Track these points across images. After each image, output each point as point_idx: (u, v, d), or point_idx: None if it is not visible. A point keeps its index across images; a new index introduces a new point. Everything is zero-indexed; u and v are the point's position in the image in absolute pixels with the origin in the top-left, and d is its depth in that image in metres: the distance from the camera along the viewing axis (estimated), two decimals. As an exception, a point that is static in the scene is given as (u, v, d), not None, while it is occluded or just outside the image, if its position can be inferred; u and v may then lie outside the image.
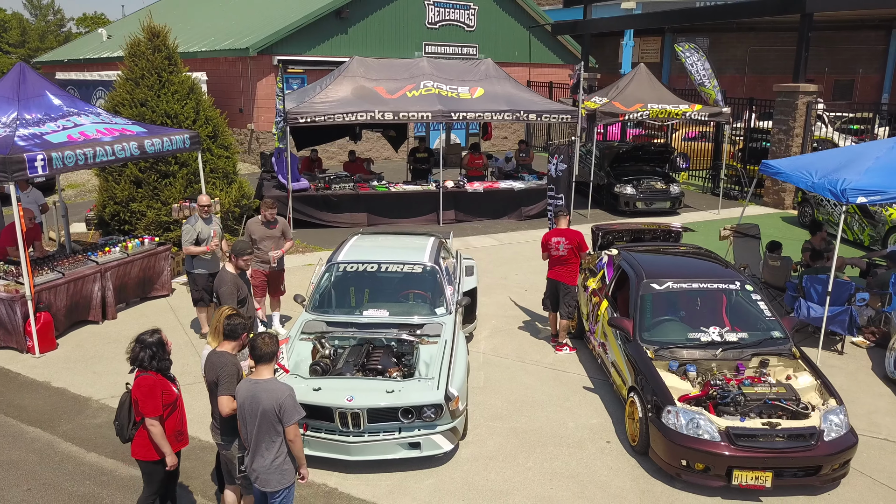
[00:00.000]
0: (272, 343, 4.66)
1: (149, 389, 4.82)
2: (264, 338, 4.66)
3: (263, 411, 4.55)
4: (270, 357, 4.67)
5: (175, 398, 5.02)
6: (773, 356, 6.75)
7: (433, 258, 7.90)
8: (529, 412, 7.23)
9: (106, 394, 7.51)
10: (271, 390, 4.58)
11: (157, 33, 12.44)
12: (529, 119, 14.91)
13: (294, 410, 4.59)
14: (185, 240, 8.58)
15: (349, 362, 6.56)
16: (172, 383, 5.04)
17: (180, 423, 5.11)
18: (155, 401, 4.83)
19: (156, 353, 4.91)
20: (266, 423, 4.57)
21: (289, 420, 4.56)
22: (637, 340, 6.87)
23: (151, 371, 4.89)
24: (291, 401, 4.59)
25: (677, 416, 5.96)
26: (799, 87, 16.12)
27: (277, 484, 4.68)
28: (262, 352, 4.63)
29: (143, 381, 4.85)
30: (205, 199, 8.80)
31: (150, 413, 4.82)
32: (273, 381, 4.66)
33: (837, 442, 5.84)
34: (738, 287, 7.37)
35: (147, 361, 4.88)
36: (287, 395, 4.59)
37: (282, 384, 4.68)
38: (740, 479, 5.76)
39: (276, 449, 4.62)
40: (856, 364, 8.47)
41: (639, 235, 9.39)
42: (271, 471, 4.65)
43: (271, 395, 4.56)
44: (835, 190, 8.27)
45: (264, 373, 4.66)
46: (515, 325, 9.58)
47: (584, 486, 6.03)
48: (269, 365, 4.68)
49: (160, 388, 4.87)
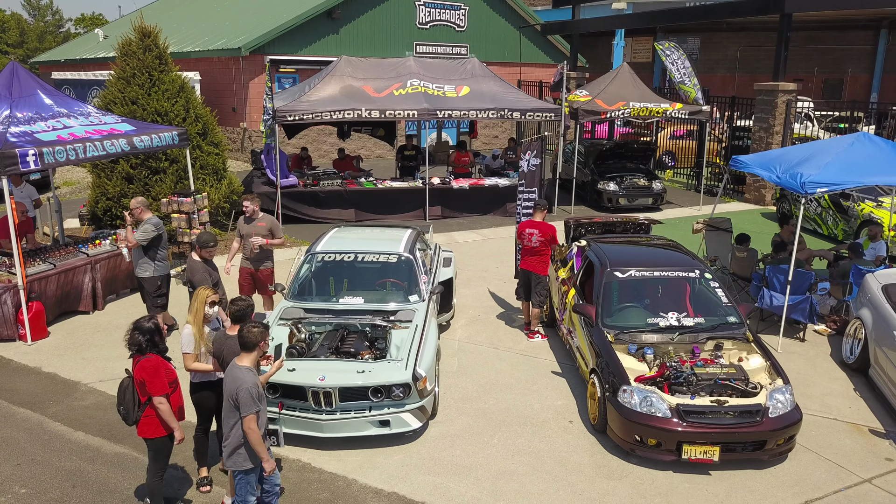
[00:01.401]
0: (258, 335, 4.95)
1: (153, 370, 5.14)
2: (251, 328, 4.97)
3: (227, 393, 4.92)
4: (252, 346, 4.94)
5: (175, 377, 5.36)
6: (727, 340, 7.10)
7: (408, 249, 8.24)
8: (498, 394, 7.57)
9: (94, 378, 7.85)
10: (236, 378, 4.88)
11: (147, 33, 12.80)
12: (514, 117, 15.24)
13: (249, 403, 4.80)
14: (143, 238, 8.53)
15: (324, 346, 6.91)
16: (170, 363, 5.36)
17: (180, 399, 5.47)
18: (161, 380, 5.15)
19: (153, 337, 5.22)
20: (228, 404, 4.93)
21: (243, 411, 4.82)
22: (599, 325, 7.22)
23: (150, 354, 5.21)
24: (246, 394, 4.80)
25: (632, 394, 6.30)
26: (778, 86, 16.46)
27: (233, 465, 5.01)
28: (246, 340, 4.95)
29: (147, 363, 5.16)
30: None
31: (158, 391, 5.14)
32: (242, 370, 4.91)
33: (782, 418, 6.18)
34: (698, 275, 7.72)
35: (145, 345, 5.19)
36: (245, 388, 4.80)
37: (249, 376, 4.90)
38: (690, 453, 6.10)
39: (233, 432, 4.93)
40: (815, 350, 8.82)
41: (610, 228, 9.73)
42: (227, 451, 4.99)
43: (234, 383, 4.86)
44: (796, 183, 8.63)
45: (245, 360, 4.96)
46: (492, 314, 9.92)
47: (544, 460, 6.37)
48: (250, 353, 4.96)
49: (163, 368, 5.21)
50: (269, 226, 8.75)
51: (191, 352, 5.64)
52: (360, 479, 6.08)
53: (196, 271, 7.29)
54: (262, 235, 8.62)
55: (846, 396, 7.66)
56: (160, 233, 8.41)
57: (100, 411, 7.14)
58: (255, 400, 4.86)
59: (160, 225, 8.44)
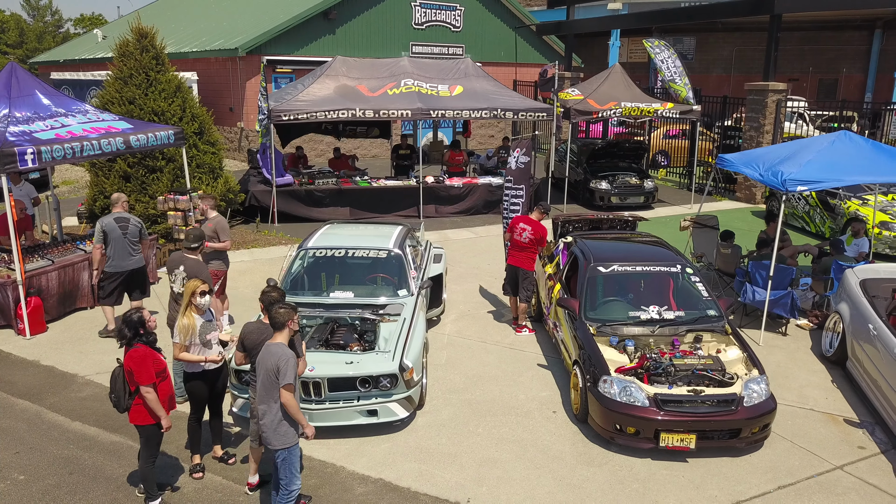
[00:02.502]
0: (285, 314, 5.23)
1: (140, 360, 5.32)
2: (278, 309, 5.26)
3: (266, 371, 5.09)
4: (281, 325, 5.21)
5: (164, 367, 5.53)
6: (706, 332, 7.31)
7: (398, 245, 8.45)
8: (484, 386, 7.77)
9: (91, 371, 8.05)
10: (273, 352, 5.11)
11: (145, 34, 12.99)
12: (507, 117, 15.45)
13: (289, 373, 5.02)
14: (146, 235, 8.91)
15: (314, 338, 7.11)
16: (160, 354, 5.54)
17: (170, 388, 5.64)
18: (147, 370, 5.33)
19: (138, 328, 5.41)
20: (268, 381, 5.09)
21: (283, 380, 5.01)
22: (582, 318, 7.42)
23: (139, 344, 5.40)
24: (286, 364, 5.02)
25: (611, 384, 6.51)
26: (769, 86, 16.67)
27: (278, 443, 5.16)
28: (275, 320, 5.23)
29: (135, 353, 5.35)
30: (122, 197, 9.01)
31: (145, 381, 5.32)
32: (278, 345, 5.15)
33: (756, 407, 6.38)
34: (679, 270, 7.93)
35: (132, 336, 5.38)
36: (286, 358, 5.05)
37: (285, 349, 5.13)
38: (667, 441, 6.30)
39: (274, 410, 5.09)
40: (797, 344, 9.03)
41: (596, 225, 9.93)
42: (271, 430, 5.14)
43: (272, 357, 5.08)
44: (777, 180, 8.84)
45: (278, 337, 5.21)
46: (482, 310, 10.12)
47: (527, 448, 6.57)
48: (282, 332, 5.21)
49: (150, 358, 5.38)
50: (214, 227, 8.65)
51: (179, 342, 5.83)
52: (348, 466, 6.28)
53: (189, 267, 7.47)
54: (209, 237, 8.45)
55: (824, 388, 7.86)
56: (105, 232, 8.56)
57: (96, 402, 7.34)
58: (293, 372, 5.06)
59: (103, 225, 8.58)
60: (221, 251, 8.73)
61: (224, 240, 8.72)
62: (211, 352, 6.05)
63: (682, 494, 5.93)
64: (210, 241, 8.45)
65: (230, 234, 9.18)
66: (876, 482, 6.14)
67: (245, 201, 14.58)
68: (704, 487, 6.03)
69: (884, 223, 12.55)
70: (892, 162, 9.10)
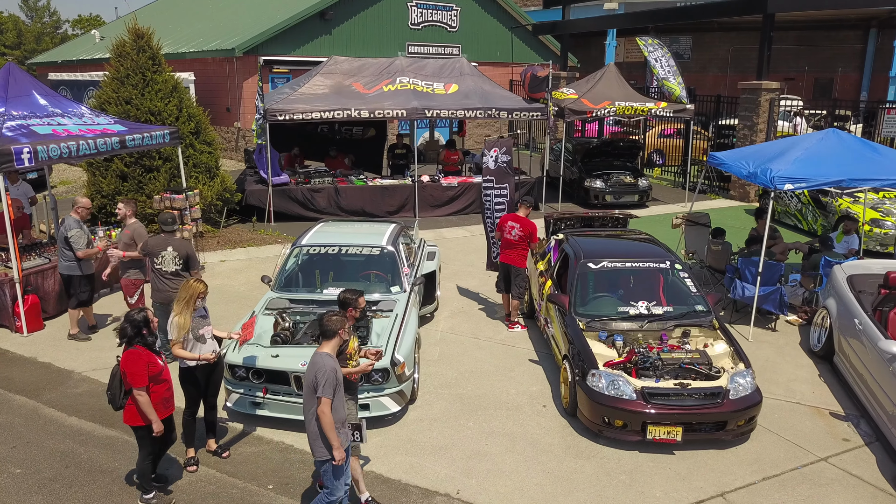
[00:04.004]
0: (337, 322, 5.12)
1: (134, 362, 5.35)
2: (330, 316, 5.16)
3: (307, 380, 5.02)
4: (332, 334, 5.09)
5: (160, 370, 5.54)
6: (694, 327, 7.41)
7: (391, 242, 8.55)
8: (476, 381, 7.87)
9: (88, 367, 8.14)
10: (315, 362, 4.99)
11: (141, 35, 13.09)
12: (501, 116, 15.55)
13: (327, 386, 4.84)
14: (81, 245, 8.56)
15: (307, 334, 7.21)
16: (158, 356, 5.58)
17: (167, 391, 5.64)
18: (141, 373, 5.34)
19: (140, 328, 5.43)
20: (308, 391, 5.00)
21: (319, 391, 4.85)
22: (571, 314, 7.52)
23: (138, 346, 5.43)
24: (324, 377, 4.86)
25: (600, 378, 6.61)
26: (762, 85, 16.77)
27: (317, 454, 5.06)
28: (326, 328, 5.10)
29: (130, 355, 5.38)
30: (86, 202, 8.88)
31: (137, 384, 5.35)
32: (323, 356, 5.00)
33: (742, 400, 6.49)
34: (668, 266, 8.03)
35: (133, 336, 5.40)
36: (324, 371, 4.88)
37: (329, 360, 4.96)
38: (654, 433, 6.40)
39: (314, 419, 4.97)
40: (785, 339, 9.13)
41: (588, 222, 10.03)
42: (312, 439, 5.05)
43: (313, 367, 4.97)
44: (765, 178, 8.94)
45: (325, 346, 5.10)
46: (475, 307, 10.22)
47: (516, 441, 6.68)
48: (330, 341, 5.09)
49: (146, 360, 5.40)
50: (132, 234, 8.51)
51: (174, 338, 5.92)
52: (340, 460, 6.37)
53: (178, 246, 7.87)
54: (124, 243, 8.46)
55: (811, 382, 7.97)
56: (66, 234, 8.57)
57: (92, 398, 7.43)
58: (333, 386, 4.90)
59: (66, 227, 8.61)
60: (139, 259, 8.37)
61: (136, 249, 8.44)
62: (204, 347, 6.15)
63: (668, 486, 6.03)
64: (127, 249, 8.39)
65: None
66: (859, 473, 6.25)
67: (242, 201, 14.67)
68: (690, 479, 6.14)
69: (874, 220, 12.66)
70: (880, 160, 9.20)
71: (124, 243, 8.46)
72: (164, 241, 7.84)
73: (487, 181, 10.09)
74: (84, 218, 8.82)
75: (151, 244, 7.90)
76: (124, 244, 8.45)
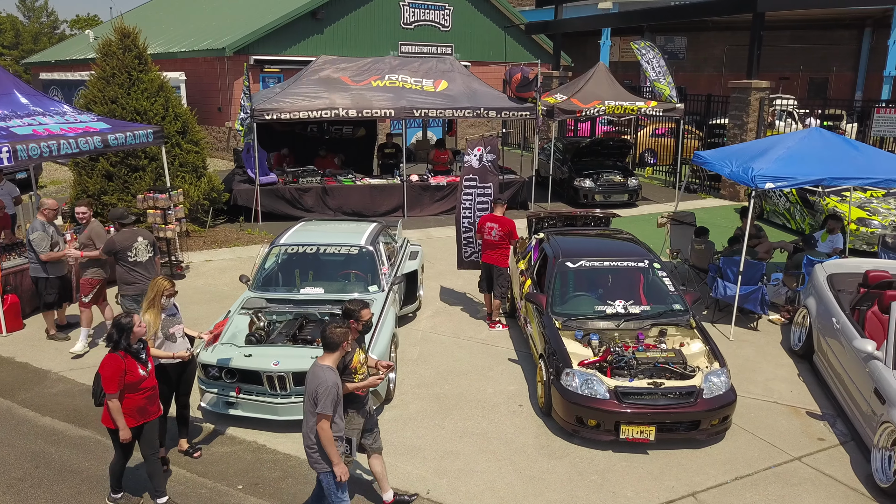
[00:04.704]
0: (341, 335, 4.93)
1: (108, 368, 5.23)
2: (334, 328, 4.96)
3: (307, 393, 4.87)
4: (335, 346, 4.92)
5: (139, 379, 5.39)
6: (671, 326, 7.39)
7: (370, 241, 8.51)
8: (454, 380, 7.85)
9: (65, 367, 8.12)
10: (317, 375, 4.83)
11: (127, 34, 13.06)
12: (490, 116, 15.53)
13: (327, 403, 4.70)
14: (42, 248, 8.48)
15: (282, 333, 7.19)
16: (143, 365, 5.44)
17: (144, 400, 5.48)
18: (113, 380, 5.22)
19: (122, 334, 5.31)
20: (308, 404, 4.85)
21: (320, 408, 4.72)
22: (548, 313, 7.50)
23: (122, 351, 5.32)
24: (325, 393, 4.71)
25: (573, 377, 6.58)
26: (752, 84, 16.75)
27: (315, 465, 4.96)
28: (329, 339, 4.92)
29: (106, 360, 5.29)
30: (52, 203, 8.81)
31: (108, 390, 5.25)
32: (324, 369, 4.84)
33: (716, 399, 6.46)
34: (647, 265, 8.00)
35: (119, 341, 5.30)
36: (326, 387, 4.73)
37: (331, 375, 4.81)
38: (627, 433, 6.38)
39: (312, 433, 4.85)
40: (767, 339, 9.11)
41: (570, 221, 10.01)
42: (310, 452, 4.92)
43: (314, 381, 4.81)
44: (746, 177, 8.91)
45: (327, 359, 4.93)
46: (458, 306, 10.20)
47: (490, 441, 6.65)
48: (332, 353, 4.92)
49: (123, 368, 5.27)
50: (89, 233, 8.50)
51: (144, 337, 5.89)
52: (312, 459, 6.34)
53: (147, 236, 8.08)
54: (82, 243, 8.46)
55: (789, 381, 7.94)
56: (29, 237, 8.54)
57: (68, 398, 7.41)
58: (333, 402, 4.76)
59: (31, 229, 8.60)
60: (98, 259, 8.32)
61: (99, 246, 8.33)
62: (175, 345, 6.13)
63: (640, 485, 6.01)
64: (85, 249, 8.36)
65: None
66: (832, 473, 6.22)
67: (229, 200, 14.65)
68: (662, 478, 6.11)
69: (861, 219, 12.63)
70: (862, 159, 9.18)
71: (82, 243, 8.47)
72: (132, 234, 7.93)
73: (469, 179, 10.05)
74: (50, 219, 8.77)
75: (119, 240, 7.88)
76: (82, 244, 8.46)
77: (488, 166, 9.78)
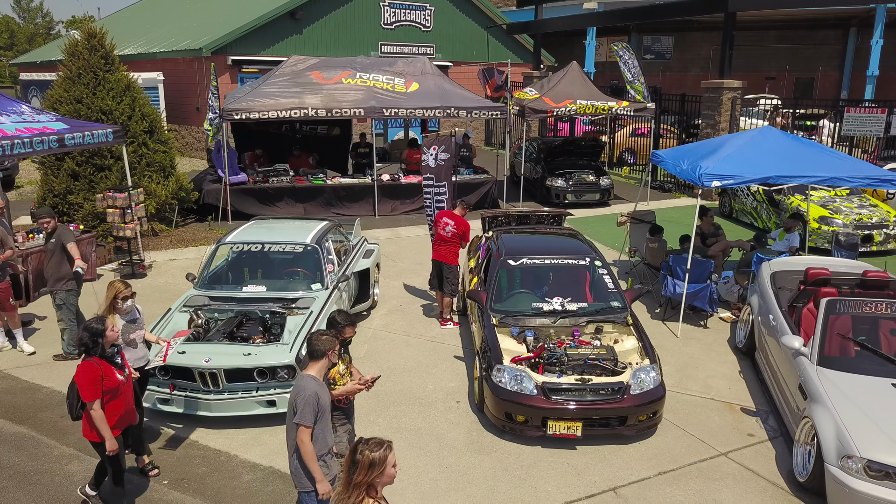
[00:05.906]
0: (327, 343, 4.77)
1: (85, 374, 5.06)
2: (320, 336, 4.82)
3: (289, 404, 4.69)
4: (320, 355, 4.74)
5: (117, 384, 5.22)
6: (607, 323, 7.43)
7: (315, 240, 8.56)
8: (397, 378, 7.89)
9: (10, 365, 8.16)
10: (298, 385, 4.66)
11: (93, 34, 13.12)
12: (460, 115, 15.58)
13: (306, 412, 4.49)
14: None
15: (220, 331, 7.24)
16: (119, 370, 5.33)
17: (123, 406, 5.34)
18: (92, 386, 5.05)
19: (96, 339, 5.14)
20: (290, 415, 4.65)
21: (298, 419, 4.52)
22: (487, 310, 7.55)
23: (95, 357, 5.16)
24: (304, 402, 4.52)
25: (503, 373, 6.63)
26: (723, 83, 16.80)
27: (297, 483, 4.71)
28: (314, 348, 4.76)
29: (83, 367, 5.10)
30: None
31: (89, 398, 5.06)
32: (306, 378, 4.66)
33: (643, 395, 6.51)
34: (588, 263, 8.05)
35: (91, 346, 5.13)
36: (304, 396, 4.53)
37: (312, 384, 4.62)
38: (554, 428, 6.43)
39: (294, 446, 4.64)
40: (714, 336, 9.15)
41: (524, 220, 10.05)
42: (292, 467, 4.72)
43: (294, 390, 4.65)
44: (694, 175, 8.97)
45: (311, 368, 4.76)
46: (413, 305, 10.24)
47: (422, 437, 6.70)
48: (317, 362, 4.74)
49: (98, 375, 5.08)
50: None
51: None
52: (241, 455, 6.40)
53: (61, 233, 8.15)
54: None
55: (729, 378, 7.99)
56: None
57: (9, 395, 7.45)
58: (314, 412, 4.55)
59: None
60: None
61: (9, 247, 8.36)
62: (136, 351, 6.15)
63: (562, 480, 6.06)
64: None
65: (13, 244, 8.88)
66: (755, 468, 6.27)
67: (199, 199, 14.70)
68: (586, 473, 6.16)
69: (823, 218, 12.68)
70: (812, 157, 9.23)
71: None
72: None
73: (428, 179, 10.10)
74: None
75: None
76: None
77: (443, 165, 9.83)
